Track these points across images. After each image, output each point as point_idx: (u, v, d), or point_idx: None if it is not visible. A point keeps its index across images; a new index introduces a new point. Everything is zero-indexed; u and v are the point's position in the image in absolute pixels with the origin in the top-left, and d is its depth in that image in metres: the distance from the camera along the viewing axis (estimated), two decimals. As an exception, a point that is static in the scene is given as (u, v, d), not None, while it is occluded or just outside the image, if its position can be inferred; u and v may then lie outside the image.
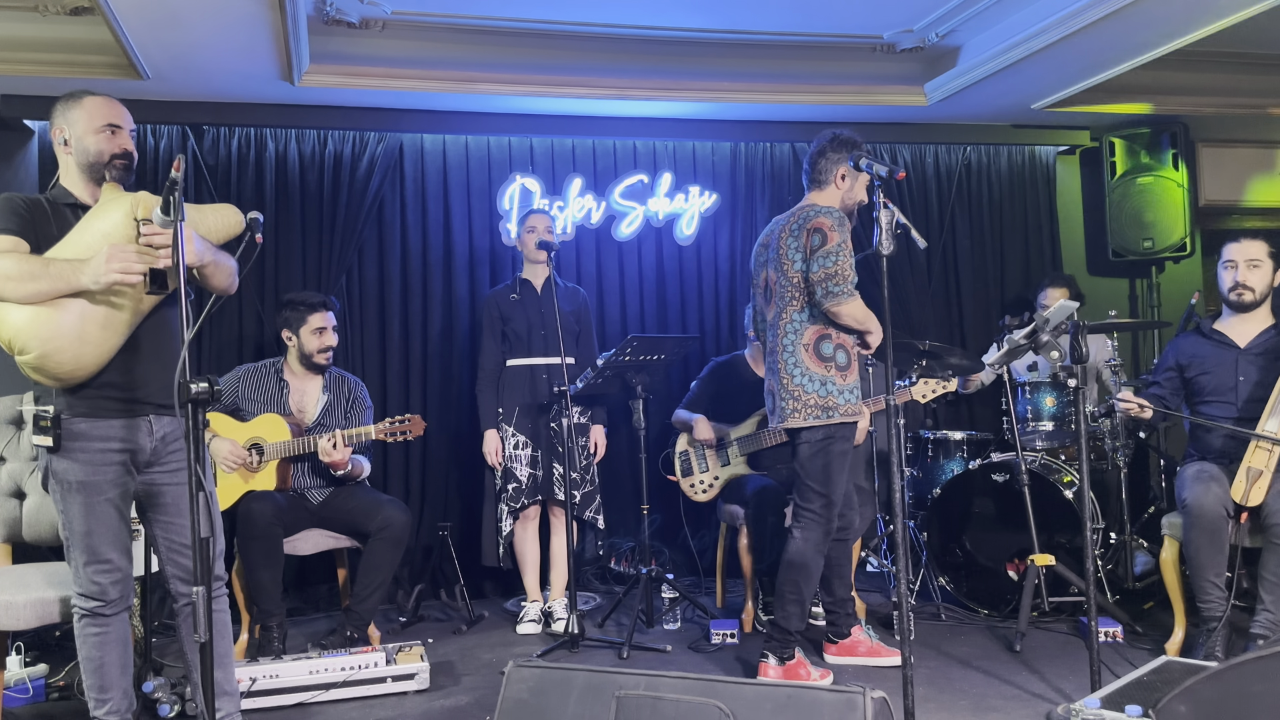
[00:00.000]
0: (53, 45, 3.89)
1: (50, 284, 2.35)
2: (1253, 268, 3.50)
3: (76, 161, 2.57)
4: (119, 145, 2.57)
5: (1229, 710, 2.05)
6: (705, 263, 5.12)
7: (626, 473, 4.89)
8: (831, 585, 3.54)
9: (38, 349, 2.35)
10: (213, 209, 2.66)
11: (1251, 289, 3.51)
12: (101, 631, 2.56)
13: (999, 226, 5.44)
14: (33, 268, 2.36)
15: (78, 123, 2.56)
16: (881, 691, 2.08)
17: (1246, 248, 3.51)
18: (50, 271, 2.35)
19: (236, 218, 2.68)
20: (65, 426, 2.47)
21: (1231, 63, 4.84)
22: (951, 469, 4.46)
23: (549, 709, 2.25)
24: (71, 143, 2.56)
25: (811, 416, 3.18)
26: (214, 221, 2.64)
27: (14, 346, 2.37)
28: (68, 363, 2.38)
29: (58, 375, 2.40)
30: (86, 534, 2.49)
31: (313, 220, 4.64)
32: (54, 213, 2.53)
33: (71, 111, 2.57)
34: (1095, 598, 2.96)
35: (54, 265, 2.37)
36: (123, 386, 2.49)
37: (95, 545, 2.50)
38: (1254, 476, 3.25)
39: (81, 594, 2.54)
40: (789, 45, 4.43)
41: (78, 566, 2.53)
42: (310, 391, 3.93)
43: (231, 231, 2.68)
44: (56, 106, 2.60)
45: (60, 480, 2.49)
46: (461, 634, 4.06)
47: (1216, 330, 3.59)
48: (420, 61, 4.24)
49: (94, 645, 2.57)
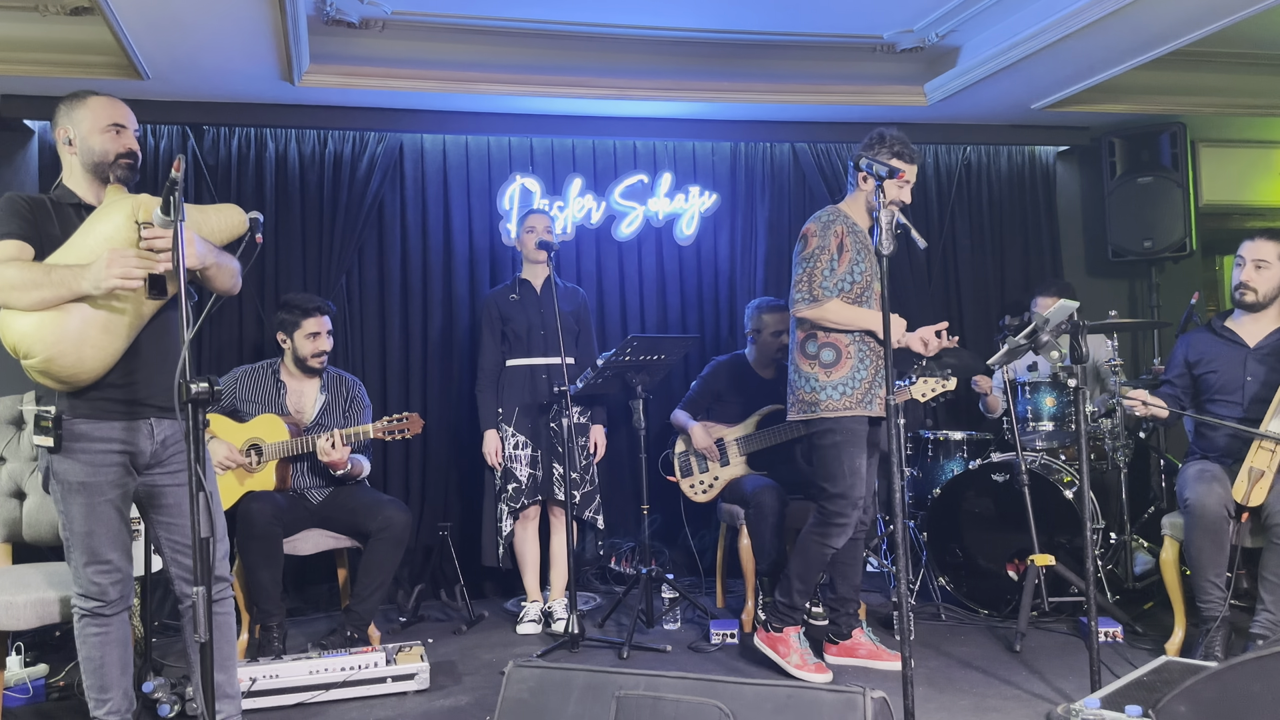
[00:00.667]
0: (53, 45, 3.89)
1: (53, 291, 2.36)
2: (1259, 268, 3.49)
3: (81, 161, 2.57)
4: (124, 145, 2.57)
5: (1229, 710, 2.05)
6: (705, 263, 5.12)
7: (626, 473, 4.89)
8: (835, 583, 3.55)
9: (42, 353, 2.36)
10: (215, 209, 2.66)
11: (1254, 289, 3.50)
12: (101, 632, 2.56)
13: (999, 226, 5.44)
14: (35, 275, 2.37)
15: (82, 122, 2.56)
16: (881, 691, 2.08)
17: (1257, 247, 3.50)
18: (52, 279, 2.36)
19: (240, 218, 2.68)
20: (66, 427, 2.47)
21: (1231, 63, 4.84)
22: (951, 469, 4.46)
23: (549, 709, 2.25)
24: (76, 142, 2.57)
25: (801, 411, 3.35)
26: (217, 222, 2.64)
27: (20, 351, 2.39)
28: (71, 366, 2.39)
29: (62, 379, 2.42)
30: (87, 534, 2.50)
31: (313, 220, 4.64)
32: (57, 213, 2.53)
33: (76, 111, 2.58)
34: (1095, 598, 2.97)
35: (55, 272, 2.37)
36: (124, 389, 2.50)
37: (95, 546, 2.51)
38: (1256, 477, 3.24)
39: (81, 594, 2.54)
40: (789, 45, 4.43)
41: (78, 567, 2.53)
42: (307, 392, 3.93)
43: (235, 232, 2.68)
44: (60, 107, 2.60)
45: (61, 480, 2.50)
46: (461, 634, 4.06)
47: (1227, 328, 3.59)
48: (420, 61, 4.24)
49: (94, 645, 2.57)
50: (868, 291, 3.34)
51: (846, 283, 3.31)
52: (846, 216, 3.36)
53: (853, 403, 3.27)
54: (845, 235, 3.30)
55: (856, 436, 3.29)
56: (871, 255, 3.34)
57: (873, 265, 3.34)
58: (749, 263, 5.15)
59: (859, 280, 3.32)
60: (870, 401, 3.30)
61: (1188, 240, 5.13)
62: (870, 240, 3.38)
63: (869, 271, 3.33)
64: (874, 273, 3.33)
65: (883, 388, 3.26)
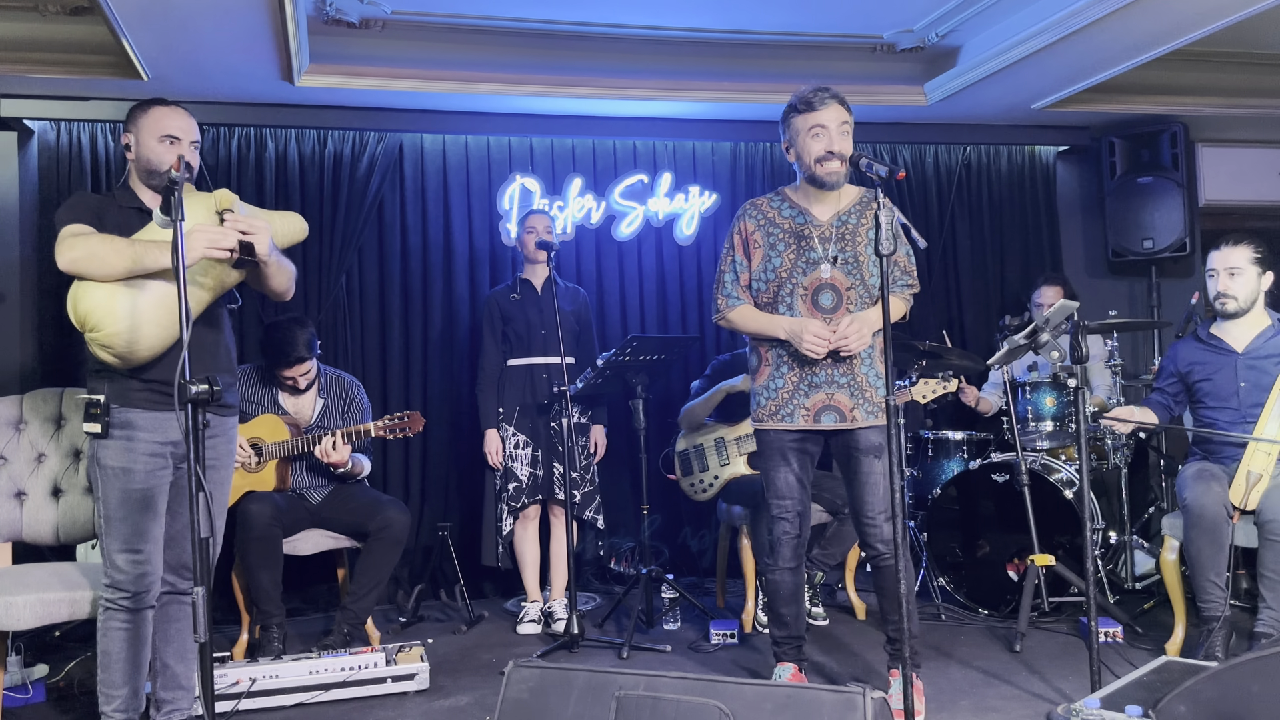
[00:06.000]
0: (53, 45, 3.89)
1: (134, 262, 2.46)
2: (1233, 275, 3.45)
3: (137, 168, 2.68)
4: (174, 156, 2.62)
5: (1229, 710, 2.05)
6: (705, 263, 5.12)
7: (626, 473, 4.89)
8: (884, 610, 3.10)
9: (109, 327, 2.47)
10: (281, 215, 2.84)
11: (1234, 297, 3.46)
12: (124, 626, 2.62)
13: (999, 226, 5.44)
14: (118, 245, 2.48)
15: (141, 130, 2.66)
16: (881, 692, 2.08)
17: (1227, 255, 3.46)
18: (134, 250, 2.47)
19: (302, 226, 2.87)
20: (113, 415, 2.58)
21: (1231, 63, 4.84)
22: (951, 469, 4.46)
23: (549, 709, 2.25)
24: (134, 149, 2.66)
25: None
26: (281, 226, 2.80)
27: (88, 323, 2.49)
28: (131, 343, 2.49)
29: (121, 354, 2.51)
30: (121, 520, 2.58)
31: (313, 220, 4.62)
32: (120, 214, 2.63)
33: (139, 119, 2.67)
34: (1095, 598, 2.96)
35: (137, 245, 2.48)
36: (168, 382, 2.55)
37: (128, 533, 2.58)
38: (1254, 480, 3.24)
39: (109, 584, 2.61)
40: (789, 45, 4.43)
41: (110, 553, 2.60)
42: (305, 396, 3.93)
43: (296, 238, 2.86)
44: (129, 112, 2.71)
45: (102, 466, 2.59)
46: (461, 634, 4.06)
47: (1214, 335, 3.55)
48: (420, 61, 4.24)
49: (114, 639, 2.62)
50: (786, 288, 2.96)
51: (761, 282, 3.00)
52: (762, 208, 3.03)
53: (767, 414, 2.99)
54: (754, 232, 3.00)
55: (773, 449, 3.01)
56: (803, 244, 2.94)
57: (803, 258, 2.94)
58: (749, 263, 5.15)
59: (773, 279, 2.97)
60: (790, 414, 2.95)
61: (1188, 240, 5.13)
62: (807, 224, 2.97)
63: (789, 265, 2.95)
64: (803, 265, 2.94)
65: (809, 398, 2.93)
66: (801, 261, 2.95)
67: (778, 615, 3.11)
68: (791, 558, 3.05)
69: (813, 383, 2.95)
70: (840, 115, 2.90)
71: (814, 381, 2.95)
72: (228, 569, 3.71)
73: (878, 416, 2.95)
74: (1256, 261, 3.46)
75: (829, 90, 2.91)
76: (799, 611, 3.11)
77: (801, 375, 2.96)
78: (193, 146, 2.68)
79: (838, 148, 2.88)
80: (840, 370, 2.94)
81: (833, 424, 2.95)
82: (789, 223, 2.99)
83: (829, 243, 2.95)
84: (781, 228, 2.99)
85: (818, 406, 2.95)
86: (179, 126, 2.66)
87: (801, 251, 2.96)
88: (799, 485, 3.03)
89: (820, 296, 2.95)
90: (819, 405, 2.95)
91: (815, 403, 2.95)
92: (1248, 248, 3.46)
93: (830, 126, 2.88)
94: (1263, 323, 3.50)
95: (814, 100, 2.89)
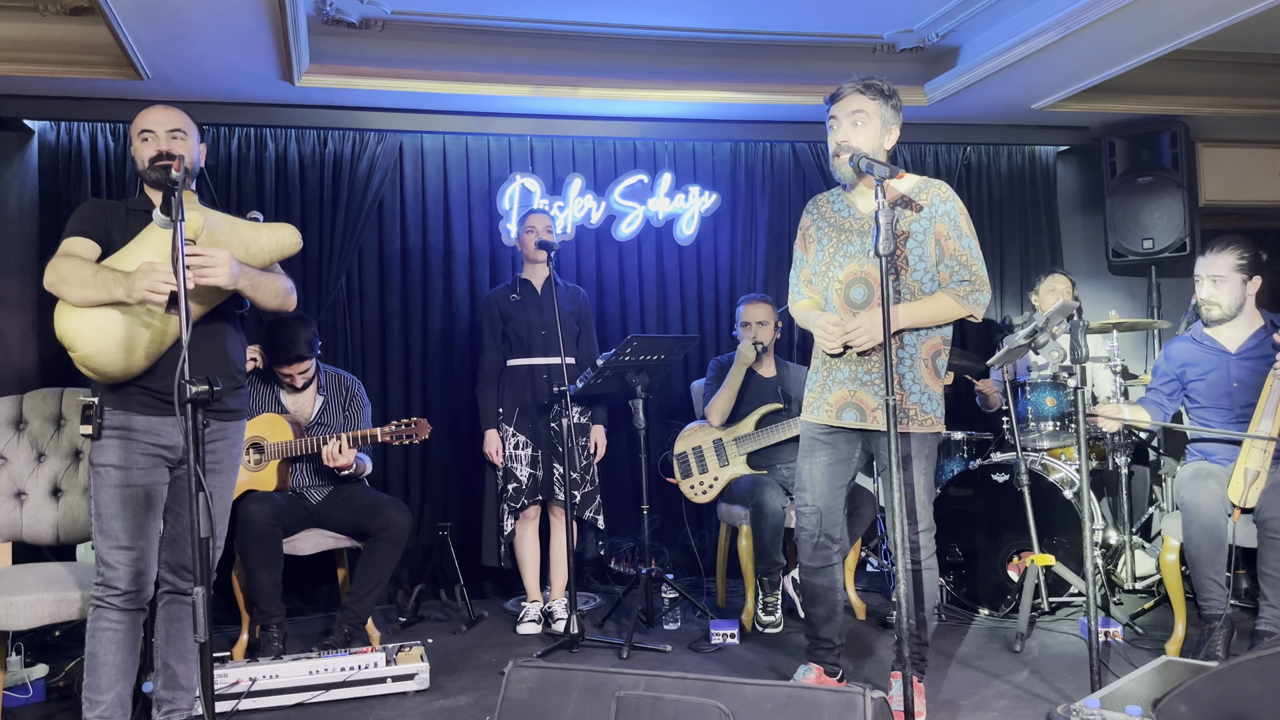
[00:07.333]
0: (53, 45, 3.89)
1: (95, 292, 2.49)
2: (1216, 283, 3.47)
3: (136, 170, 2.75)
4: (153, 149, 2.68)
5: (1229, 710, 2.05)
6: (705, 263, 5.12)
7: (626, 473, 4.89)
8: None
9: (83, 349, 2.51)
10: (268, 228, 2.74)
11: (1217, 304, 3.48)
12: (111, 628, 2.61)
13: (999, 226, 5.44)
14: (84, 274, 2.51)
15: (131, 134, 2.73)
16: (881, 692, 2.08)
17: (1211, 262, 3.48)
18: (97, 280, 2.50)
19: (293, 238, 2.77)
20: (111, 417, 2.60)
21: (1231, 63, 4.84)
22: (951, 469, 4.46)
23: (549, 709, 2.25)
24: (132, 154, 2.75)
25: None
26: (268, 241, 2.71)
27: (66, 343, 2.53)
28: (108, 364, 2.53)
29: (102, 374, 2.55)
30: (112, 517, 2.58)
31: (313, 220, 4.63)
32: (128, 218, 2.67)
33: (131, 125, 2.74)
34: (1095, 598, 2.96)
35: (101, 274, 2.51)
36: (164, 388, 2.58)
37: (118, 531, 2.58)
38: (1251, 478, 3.25)
39: (99, 582, 2.61)
40: (789, 45, 4.44)
41: (99, 551, 2.60)
42: (305, 394, 3.93)
43: (286, 251, 2.76)
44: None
45: (95, 466, 2.61)
46: (461, 634, 4.06)
47: (1208, 335, 3.57)
48: (420, 61, 4.24)
49: (100, 641, 2.61)
50: (824, 281, 2.97)
51: (815, 276, 3.03)
52: (819, 202, 3.06)
53: (804, 406, 3.03)
54: (809, 227, 3.04)
55: (805, 440, 3.01)
56: (841, 238, 2.94)
57: (840, 251, 2.93)
58: (749, 263, 5.15)
59: (819, 272, 3.00)
60: (817, 408, 2.96)
61: (1188, 240, 5.13)
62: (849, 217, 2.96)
63: (827, 259, 2.96)
64: (840, 259, 2.92)
65: (832, 394, 2.92)
66: (839, 255, 2.94)
67: (805, 614, 3.13)
68: (812, 557, 2.99)
69: (837, 378, 2.93)
70: (851, 104, 2.85)
71: (838, 377, 2.93)
72: (228, 569, 3.71)
73: (904, 423, 2.84)
74: (1241, 268, 3.46)
75: (855, 78, 2.87)
76: (826, 615, 3.03)
77: (830, 370, 2.95)
78: (172, 135, 2.68)
79: (842, 138, 2.86)
80: (865, 368, 2.88)
81: (853, 422, 2.89)
82: (836, 217, 2.99)
83: (865, 236, 2.90)
84: (829, 221, 3.00)
85: (840, 402, 2.92)
86: (153, 120, 2.69)
87: (840, 245, 2.95)
88: (822, 481, 2.96)
89: (852, 291, 2.92)
90: (841, 401, 2.92)
91: (838, 398, 2.92)
92: (1232, 255, 3.46)
93: (840, 118, 2.87)
94: (1255, 323, 3.52)
95: (836, 93, 2.89)
